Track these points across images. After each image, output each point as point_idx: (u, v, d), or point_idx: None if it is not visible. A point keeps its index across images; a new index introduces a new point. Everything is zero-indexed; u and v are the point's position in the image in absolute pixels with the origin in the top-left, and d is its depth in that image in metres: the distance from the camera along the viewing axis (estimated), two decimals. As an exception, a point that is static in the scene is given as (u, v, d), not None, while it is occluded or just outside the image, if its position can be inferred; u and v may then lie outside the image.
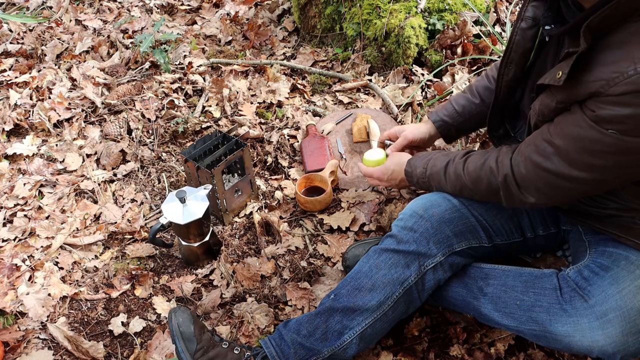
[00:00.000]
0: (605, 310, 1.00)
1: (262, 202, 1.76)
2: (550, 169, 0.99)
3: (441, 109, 1.47)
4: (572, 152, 0.95)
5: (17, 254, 1.63)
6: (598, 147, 0.91)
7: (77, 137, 2.10)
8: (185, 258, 1.58)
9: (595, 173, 0.94)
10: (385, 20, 2.21)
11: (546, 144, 0.99)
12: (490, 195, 1.14)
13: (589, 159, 0.93)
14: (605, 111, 0.87)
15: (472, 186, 1.17)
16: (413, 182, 1.34)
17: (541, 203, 1.06)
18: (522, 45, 1.13)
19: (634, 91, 0.83)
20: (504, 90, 1.21)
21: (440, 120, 1.46)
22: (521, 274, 1.14)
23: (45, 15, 3.01)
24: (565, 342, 1.03)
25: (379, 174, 1.43)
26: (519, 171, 1.05)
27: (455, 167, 1.20)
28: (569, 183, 0.98)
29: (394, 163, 1.41)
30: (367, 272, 1.19)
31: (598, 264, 1.08)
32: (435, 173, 1.25)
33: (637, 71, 0.82)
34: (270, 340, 1.18)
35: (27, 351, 1.37)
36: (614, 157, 0.91)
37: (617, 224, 1.09)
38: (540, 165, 1.01)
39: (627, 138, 0.87)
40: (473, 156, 1.19)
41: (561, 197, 1.04)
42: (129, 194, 1.84)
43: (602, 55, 0.89)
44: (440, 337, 1.33)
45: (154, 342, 1.38)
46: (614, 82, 0.85)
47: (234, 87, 2.24)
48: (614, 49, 0.87)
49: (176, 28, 2.84)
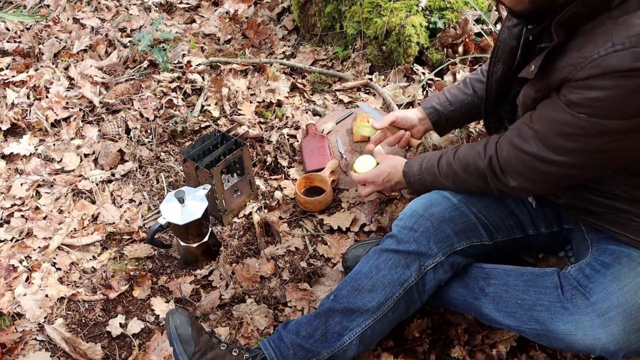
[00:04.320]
0: (606, 307, 1.00)
1: (262, 203, 1.75)
2: (529, 152, 1.02)
3: (433, 97, 1.51)
4: (549, 135, 0.99)
5: (14, 254, 1.62)
6: (571, 130, 0.94)
7: (74, 137, 2.09)
8: (184, 259, 1.57)
9: (570, 156, 0.98)
10: (386, 18, 2.19)
11: (526, 128, 1.03)
12: (480, 182, 1.17)
13: (564, 142, 0.97)
14: (575, 95, 0.91)
15: (463, 173, 1.20)
16: (410, 182, 1.35)
17: (524, 187, 1.09)
18: (508, 43, 1.16)
19: (598, 74, 0.87)
20: (495, 89, 1.24)
21: (431, 108, 1.48)
22: (522, 273, 1.13)
23: (42, 13, 3.00)
24: (567, 340, 1.02)
25: (374, 177, 1.44)
26: (502, 154, 1.10)
27: (447, 157, 1.24)
28: (547, 166, 1.01)
29: (389, 166, 1.42)
30: (367, 272, 1.18)
31: (600, 261, 1.08)
32: (430, 167, 1.28)
33: (600, 54, 0.86)
34: (270, 342, 1.17)
35: (24, 353, 1.36)
36: (587, 140, 0.94)
37: (614, 221, 1.09)
38: (519, 148, 1.04)
39: (596, 120, 0.90)
40: (464, 146, 1.24)
41: (543, 182, 1.06)
42: (127, 194, 1.83)
43: (572, 44, 0.94)
44: (441, 338, 1.32)
45: (152, 343, 1.37)
46: (580, 67, 0.89)
47: (233, 87, 2.23)
48: (584, 38, 0.92)
49: (175, 27, 2.83)
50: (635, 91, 0.85)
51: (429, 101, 1.50)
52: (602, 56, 0.86)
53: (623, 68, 0.84)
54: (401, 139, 1.50)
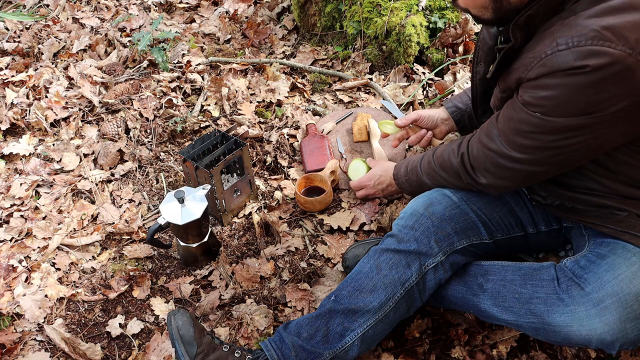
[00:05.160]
0: (601, 296, 1.00)
1: (262, 203, 1.74)
2: (494, 149, 1.07)
3: (456, 97, 1.54)
4: (509, 133, 1.03)
5: (13, 254, 1.61)
6: (526, 128, 0.99)
7: (74, 137, 2.08)
8: (183, 259, 1.56)
9: (529, 154, 1.02)
10: (386, 18, 2.19)
11: (493, 127, 1.09)
12: (455, 179, 1.22)
13: (521, 140, 1.01)
14: (528, 94, 0.96)
15: (440, 170, 1.25)
16: (400, 184, 1.42)
17: (493, 184, 1.13)
18: (487, 43, 1.19)
19: (545, 73, 0.91)
20: (479, 88, 1.27)
21: (454, 107, 1.51)
22: (520, 268, 1.14)
23: (42, 13, 2.99)
24: (563, 333, 1.02)
25: (366, 180, 1.54)
26: (472, 152, 1.15)
27: (428, 156, 1.30)
28: (511, 163, 1.05)
29: (380, 169, 1.51)
30: (368, 272, 1.18)
31: (595, 253, 1.09)
32: (414, 167, 1.34)
33: (546, 54, 0.91)
34: (271, 343, 1.17)
35: (23, 353, 1.36)
36: (542, 137, 0.98)
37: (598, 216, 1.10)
38: (486, 145, 1.10)
39: (548, 118, 0.94)
40: (444, 145, 1.28)
41: (510, 179, 1.10)
42: (126, 194, 1.83)
43: (528, 46, 0.99)
44: (441, 338, 1.32)
45: (152, 344, 1.36)
46: (530, 66, 0.94)
47: (233, 86, 2.23)
48: (537, 39, 0.96)
49: (174, 26, 2.82)
50: (580, 88, 0.89)
51: (451, 100, 1.53)
52: (548, 55, 0.90)
53: (566, 67, 0.88)
54: (422, 139, 1.51)
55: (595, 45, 0.86)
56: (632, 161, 1.01)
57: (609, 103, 0.89)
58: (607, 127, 0.93)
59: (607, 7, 0.88)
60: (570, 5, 0.93)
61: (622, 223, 1.07)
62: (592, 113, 0.91)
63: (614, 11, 0.88)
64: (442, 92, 2.05)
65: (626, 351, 1.23)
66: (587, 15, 0.89)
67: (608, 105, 0.90)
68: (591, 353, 1.26)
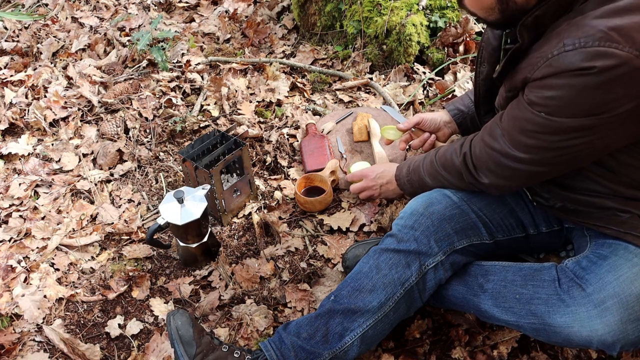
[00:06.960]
0: (603, 297, 1.00)
1: (261, 203, 1.74)
2: (497, 149, 1.07)
3: (457, 100, 1.54)
4: (513, 133, 1.03)
5: (12, 255, 1.61)
6: (531, 128, 0.98)
7: (73, 137, 2.08)
8: (183, 259, 1.56)
9: (532, 153, 1.01)
10: (386, 17, 2.19)
11: (496, 126, 1.08)
12: (457, 179, 1.21)
13: (525, 139, 1.00)
14: (534, 94, 0.96)
15: (442, 170, 1.24)
16: (401, 184, 1.42)
17: (495, 184, 1.13)
18: (490, 44, 1.18)
19: (552, 73, 0.91)
20: (482, 88, 1.26)
21: (456, 109, 1.51)
22: (521, 269, 1.14)
23: (40, 12, 2.98)
24: (564, 333, 1.02)
25: (368, 171, 1.53)
26: (475, 151, 1.14)
27: (430, 156, 1.29)
28: (514, 163, 1.05)
29: (384, 166, 1.52)
30: (368, 272, 1.18)
31: (597, 254, 1.09)
32: (416, 167, 1.34)
33: (553, 54, 0.90)
34: (270, 344, 1.17)
35: (22, 354, 1.35)
36: (546, 137, 0.97)
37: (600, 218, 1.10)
38: (489, 145, 1.09)
39: (553, 118, 0.94)
40: (447, 145, 1.27)
41: (513, 179, 1.10)
42: (126, 194, 1.82)
43: (535, 46, 0.98)
44: (442, 339, 1.31)
45: (151, 344, 1.36)
46: (537, 66, 0.93)
47: (233, 86, 2.22)
48: (544, 39, 0.96)
49: (174, 26, 2.81)
50: (587, 89, 0.88)
51: (452, 103, 1.53)
52: (555, 56, 0.90)
53: (572, 67, 0.88)
54: (426, 142, 1.51)
55: (603, 47, 0.85)
56: (636, 163, 1.01)
57: (615, 104, 0.89)
58: (612, 128, 0.93)
59: (615, 7, 0.88)
60: (578, 5, 0.93)
61: (625, 224, 1.07)
62: (598, 114, 0.90)
63: (621, 12, 0.87)
64: (443, 92, 2.05)
65: (627, 352, 1.23)
66: (595, 15, 0.88)
67: (614, 107, 0.89)
68: (592, 354, 1.25)
